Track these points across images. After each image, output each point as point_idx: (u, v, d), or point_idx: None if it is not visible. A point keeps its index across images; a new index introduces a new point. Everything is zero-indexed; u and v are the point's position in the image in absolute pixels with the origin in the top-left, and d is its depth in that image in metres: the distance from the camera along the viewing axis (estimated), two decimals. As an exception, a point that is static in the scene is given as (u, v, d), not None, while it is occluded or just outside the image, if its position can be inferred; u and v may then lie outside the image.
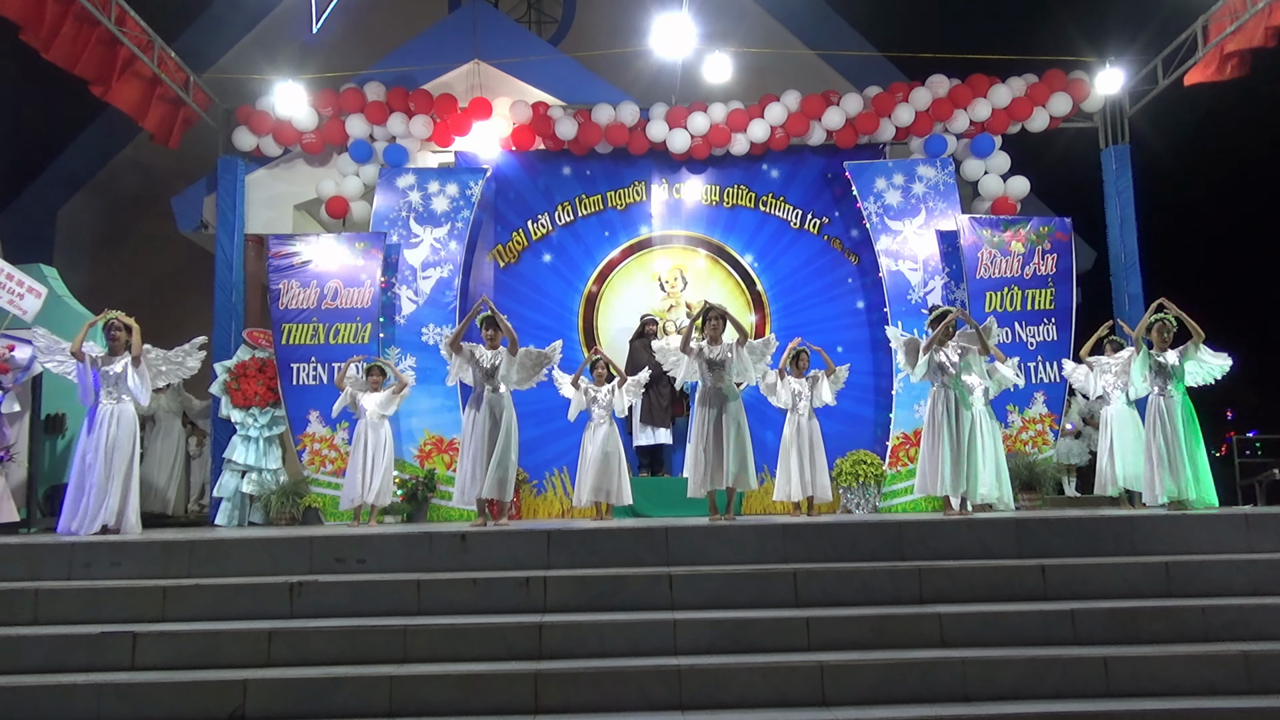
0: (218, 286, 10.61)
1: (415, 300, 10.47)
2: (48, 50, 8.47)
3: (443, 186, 10.65)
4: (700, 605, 5.06)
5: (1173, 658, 4.57)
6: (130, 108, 9.76)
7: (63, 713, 4.34)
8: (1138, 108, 11.07)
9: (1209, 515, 5.89)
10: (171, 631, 4.82)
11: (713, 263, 11.10)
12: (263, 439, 9.94)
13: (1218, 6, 9.73)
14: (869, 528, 5.69)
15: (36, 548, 5.59)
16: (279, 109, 10.64)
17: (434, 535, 5.60)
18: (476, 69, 11.25)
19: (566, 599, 5.08)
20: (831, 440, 9.52)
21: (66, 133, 13.67)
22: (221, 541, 5.66)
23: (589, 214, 11.16)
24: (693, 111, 10.82)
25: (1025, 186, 11.05)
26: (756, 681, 4.47)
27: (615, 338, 10.78)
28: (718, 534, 5.62)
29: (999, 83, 10.91)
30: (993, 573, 5.26)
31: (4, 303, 8.04)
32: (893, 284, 10.52)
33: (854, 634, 4.82)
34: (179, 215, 11.30)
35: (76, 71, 8.91)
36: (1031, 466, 9.63)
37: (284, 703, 4.38)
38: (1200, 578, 5.22)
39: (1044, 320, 10.26)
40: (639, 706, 4.38)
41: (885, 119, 10.83)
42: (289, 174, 11.19)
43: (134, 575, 5.42)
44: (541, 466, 10.43)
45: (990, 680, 4.48)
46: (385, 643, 4.74)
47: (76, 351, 7.16)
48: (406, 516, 9.70)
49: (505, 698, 4.40)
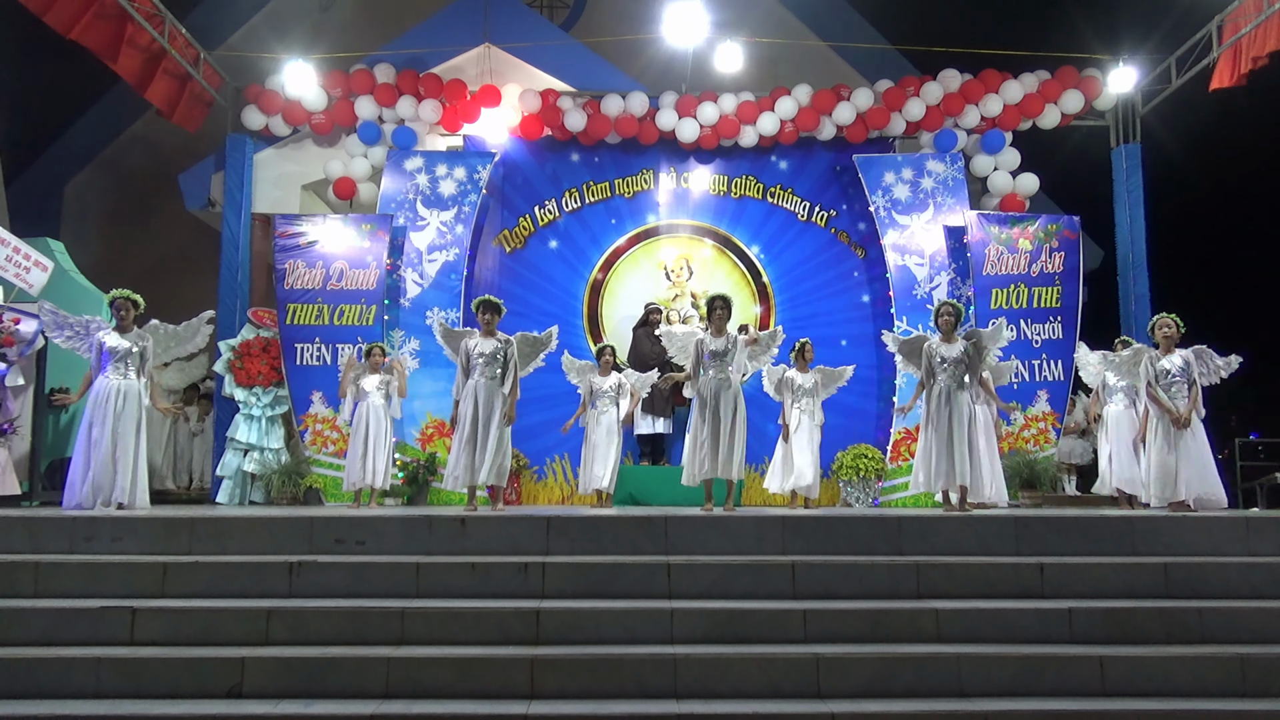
0: (223, 265, 10.61)
1: (420, 283, 10.47)
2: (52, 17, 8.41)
3: (450, 170, 10.63)
4: (698, 595, 5.05)
5: (1169, 659, 4.56)
6: (139, 83, 9.74)
7: (61, 685, 4.35)
8: (1150, 107, 11.00)
9: (1208, 518, 5.88)
10: (171, 608, 4.82)
11: (719, 253, 11.08)
12: (265, 418, 9.96)
13: (1233, 7, 9.66)
14: (868, 522, 5.68)
15: (38, 521, 5.60)
16: (289, 89, 10.62)
17: (434, 519, 5.60)
18: (487, 53, 11.21)
19: (564, 585, 5.08)
20: (834, 434, 9.53)
21: (76, 107, 13.66)
22: (222, 520, 5.67)
23: (596, 201, 11.14)
24: (702, 101, 10.78)
25: (1034, 184, 11.00)
26: (752, 672, 4.47)
27: (620, 325, 10.77)
28: (717, 524, 5.62)
29: (1011, 79, 10.87)
30: (991, 570, 5.25)
31: (10, 276, 8.05)
32: (899, 278, 10.49)
33: (850, 627, 4.81)
34: (186, 193, 11.30)
35: (84, 42, 8.86)
36: (1032, 465, 9.62)
37: (281, 681, 4.38)
38: (1198, 579, 5.20)
39: (1050, 318, 10.23)
40: (634, 694, 4.38)
41: (895, 113, 10.78)
42: (297, 154, 11.18)
43: (135, 551, 5.42)
44: (543, 453, 10.44)
45: (985, 676, 4.47)
46: (383, 624, 4.74)
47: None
48: (407, 499, 9.72)
49: (501, 682, 4.40)
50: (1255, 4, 9.29)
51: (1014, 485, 9.18)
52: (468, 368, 7.10)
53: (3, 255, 7.95)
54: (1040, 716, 4.24)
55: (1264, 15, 9.10)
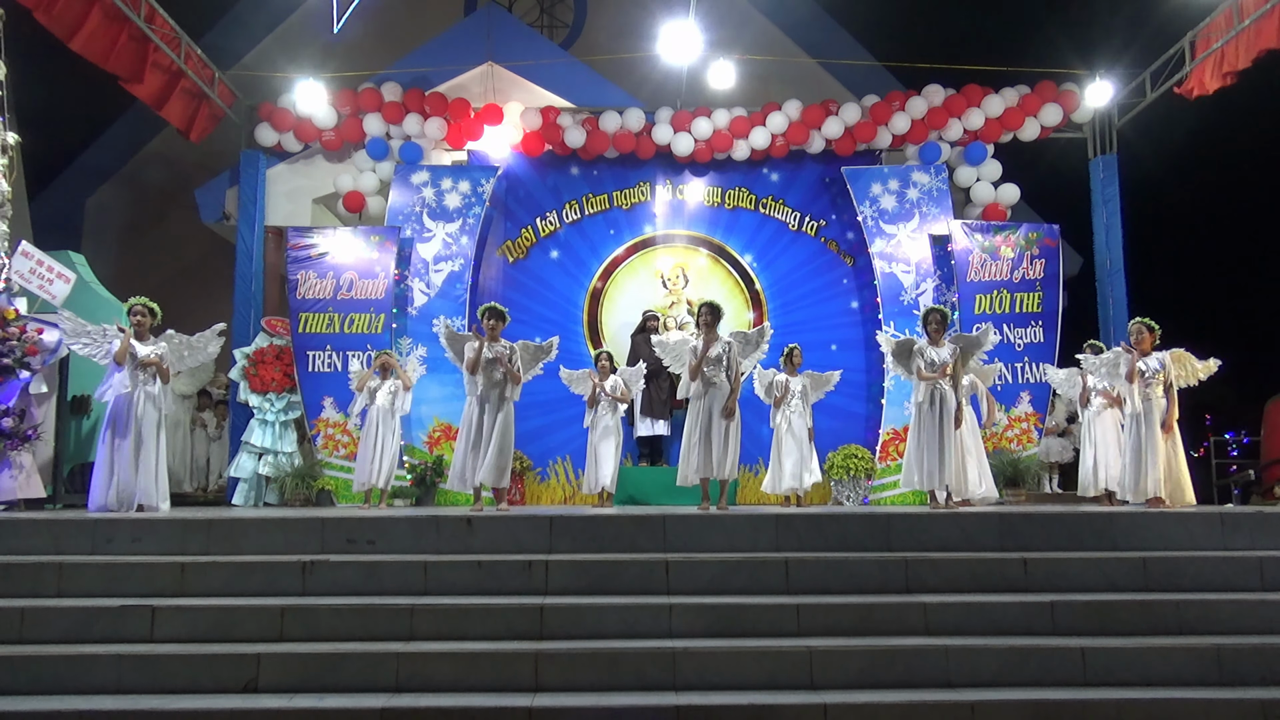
0: (238, 276, 10.62)
1: (427, 292, 10.48)
2: (80, 46, 8.49)
3: (455, 184, 10.65)
4: (695, 591, 5.06)
5: (1148, 649, 4.56)
6: (157, 103, 9.75)
7: (84, 682, 4.35)
8: (1126, 119, 11.03)
9: (1185, 513, 5.88)
10: (189, 606, 4.82)
11: (713, 262, 11.09)
12: (279, 423, 9.96)
13: (1205, 23, 9.69)
14: (858, 519, 5.68)
15: (62, 523, 5.59)
16: (300, 106, 10.64)
17: (441, 519, 5.60)
18: (490, 71, 11.24)
19: (567, 582, 5.08)
20: (824, 435, 9.53)
21: (96, 126, 13.69)
22: (238, 521, 5.67)
23: (595, 213, 11.15)
24: (697, 116, 10.80)
25: (1016, 194, 11.02)
26: (748, 665, 4.47)
27: (618, 332, 10.79)
28: (713, 523, 5.62)
29: (992, 93, 10.89)
30: (976, 564, 5.25)
31: (35, 287, 8.04)
32: (886, 285, 10.51)
33: (842, 621, 4.81)
34: (202, 207, 11.32)
35: (108, 68, 8.91)
36: (1016, 463, 9.62)
37: (295, 676, 4.38)
38: (1176, 573, 5.21)
39: (1031, 323, 10.26)
40: (635, 686, 4.38)
41: (882, 127, 10.80)
42: (308, 169, 11.19)
43: (154, 551, 5.42)
44: (545, 455, 10.44)
45: (972, 667, 4.48)
46: (393, 621, 4.74)
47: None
48: (415, 500, 9.72)
49: (507, 676, 4.40)
50: (1227, 20, 9.32)
51: (998, 483, 9.17)
52: (474, 367, 7.08)
53: (27, 268, 7.94)
54: (1024, 706, 4.24)
55: (1235, 31, 9.13)
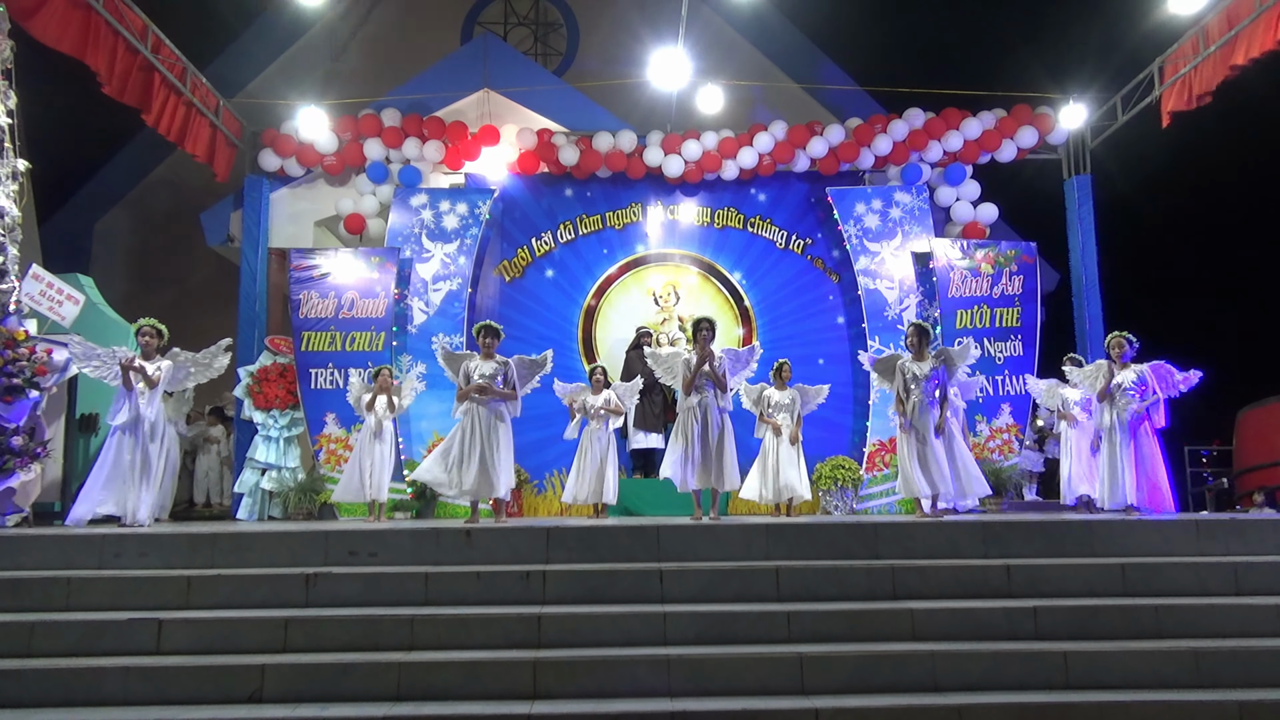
0: (242, 296, 10.59)
1: (426, 311, 10.48)
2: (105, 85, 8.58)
3: (453, 206, 10.67)
4: (689, 599, 5.05)
5: (1128, 653, 4.56)
6: (167, 128, 9.74)
7: (92, 693, 4.32)
8: (1099, 141, 11.12)
9: (1162, 521, 5.90)
10: (195, 618, 4.79)
11: (704, 279, 11.12)
12: (282, 439, 9.92)
13: (1172, 50, 9.79)
14: (846, 528, 5.69)
15: (70, 539, 5.56)
16: (302, 133, 10.66)
17: (441, 531, 5.59)
18: (486, 97, 11.28)
19: (564, 592, 5.07)
20: (812, 446, 9.52)
21: (104, 152, 13.68)
22: (242, 534, 5.64)
23: (589, 233, 11.18)
24: (686, 139, 10.86)
25: (994, 212, 11.09)
26: (740, 670, 4.46)
27: (613, 348, 10.79)
28: (706, 533, 5.62)
29: (970, 116, 10.98)
30: (961, 571, 5.26)
31: (45, 309, 8.01)
32: (870, 301, 10.54)
33: (832, 627, 4.81)
34: (207, 230, 11.31)
35: (125, 100, 8.94)
36: (998, 473, 9.63)
37: (299, 686, 4.36)
38: (1154, 578, 5.22)
39: (1010, 337, 10.30)
40: (631, 693, 4.36)
41: (865, 148, 10.87)
42: (310, 193, 11.20)
43: (160, 565, 5.39)
44: (542, 467, 10.41)
45: (958, 672, 4.47)
46: (394, 631, 4.72)
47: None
48: (415, 513, 9.67)
49: (506, 684, 4.38)
50: (1193, 46, 9.43)
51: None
52: (463, 399, 7.05)
53: (37, 290, 7.92)
54: (1009, 709, 4.24)
55: (1200, 58, 9.24)
